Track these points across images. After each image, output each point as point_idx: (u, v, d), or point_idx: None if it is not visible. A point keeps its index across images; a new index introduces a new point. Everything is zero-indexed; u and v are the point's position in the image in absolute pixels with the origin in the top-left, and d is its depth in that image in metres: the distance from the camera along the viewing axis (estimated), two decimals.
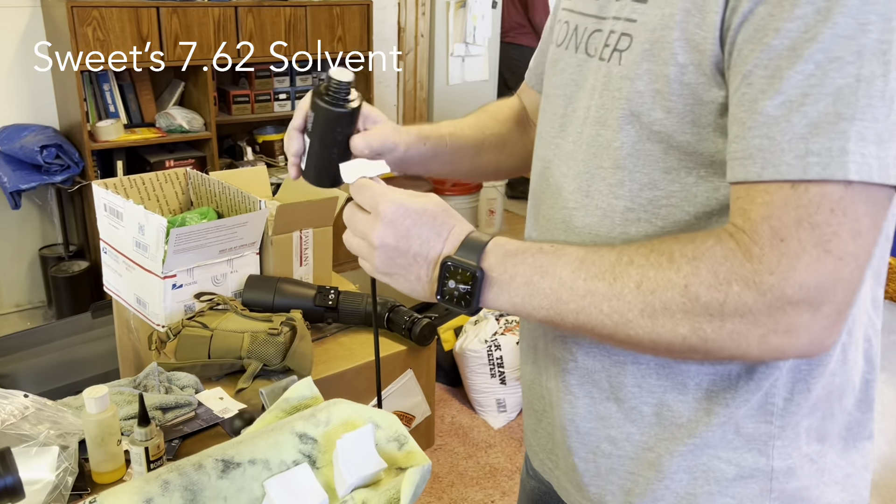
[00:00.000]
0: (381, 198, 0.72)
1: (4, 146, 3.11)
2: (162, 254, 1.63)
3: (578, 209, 0.78)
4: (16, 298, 3.42)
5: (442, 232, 0.72)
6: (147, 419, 1.08)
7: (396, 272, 0.73)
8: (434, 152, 0.96)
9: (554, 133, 0.83)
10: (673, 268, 0.63)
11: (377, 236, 0.72)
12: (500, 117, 1.07)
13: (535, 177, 0.88)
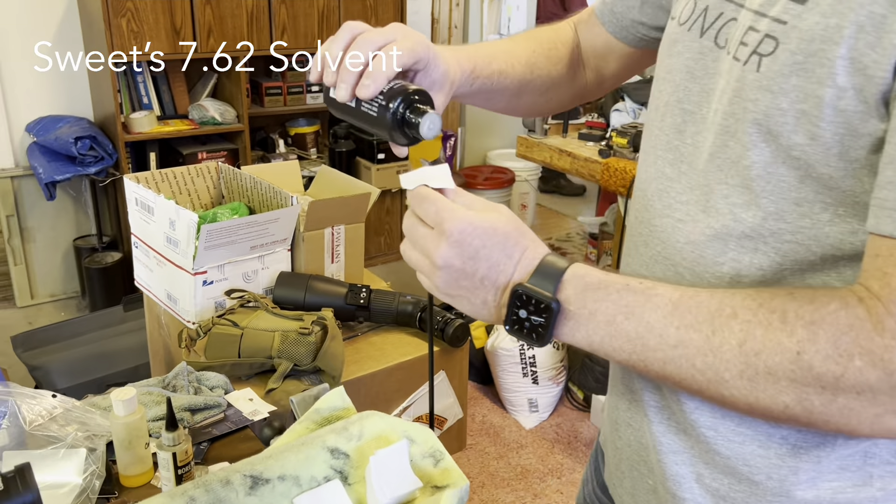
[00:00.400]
0: (446, 214, 0.65)
1: (40, 137, 3.12)
2: (193, 250, 1.61)
3: (687, 223, 0.69)
4: (50, 288, 3.45)
5: (514, 254, 0.65)
6: (175, 423, 1.05)
7: (460, 294, 0.67)
8: (477, 91, 0.87)
9: (667, 128, 0.73)
10: (785, 330, 0.56)
11: (441, 256, 0.64)
12: (554, 57, 0.95)
13: (642, 170, 0.78)
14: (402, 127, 0.74)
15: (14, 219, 3.26)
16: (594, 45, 0.97)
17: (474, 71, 0.84)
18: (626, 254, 0.82)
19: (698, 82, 0.70)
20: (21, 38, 3.14)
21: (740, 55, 0.63)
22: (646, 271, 0.75)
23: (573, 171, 2.76)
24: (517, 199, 4.65)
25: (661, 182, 0.73)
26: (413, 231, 0.69)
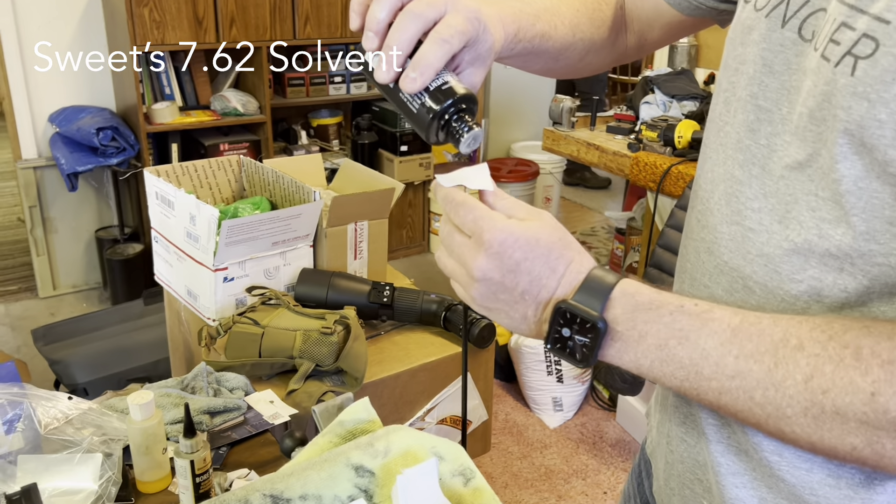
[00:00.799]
0: (485, 223, 0.60)
1: (63, 128, 3.11)
2: (213, 245, 1.57)
3: (760, 233, 0.63)
4: (73, 279, 3.45)
5: (557, 267, 0.60)
6: (193, 430, 1.01)
7: (498, 308, 0.62)
8: (516, 55, 0.80)
9: (738, 125, 0.66)
10: (859, 368, 0.51)
11: (479, 268, 0.60)
12: (598, 19, 0.89)
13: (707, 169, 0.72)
14: (441, 131, 0.69)
15: (37, 209, 3.26)
16: (642, 8, 0.90)
17: (518, 34, 0.77)
18: (685, 259, 0.76)
19: (777, 78, 0.63)
20: (44, 29, 3.13)
21: (831, 55, 0.56)
22: (709, 282, 0.70)
23: (601, 165, 2.69)
24: (541, 192, 4.58)
25: (730, 184, 0.67)
26: (450, 239, 0.64)
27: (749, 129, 0.66)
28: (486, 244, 0.60)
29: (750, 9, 0.68)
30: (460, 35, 0.65)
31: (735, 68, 0.70)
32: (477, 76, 0.72)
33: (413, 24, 0.64)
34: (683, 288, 0.76)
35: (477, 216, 0.61)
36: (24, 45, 3.08)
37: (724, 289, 0.68)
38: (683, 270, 0.76)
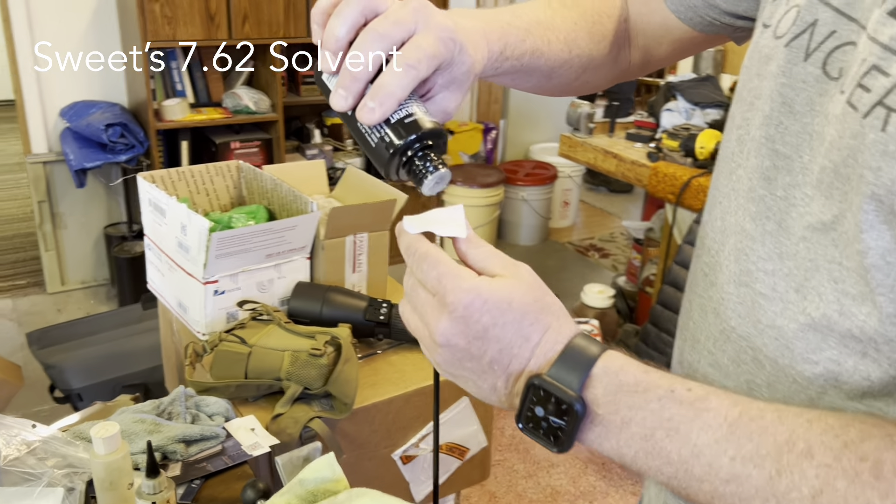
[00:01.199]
0: (449, 282, 0.52)
1: (73, 123, 3.07)
2: (203, 258, 1.51)
3: (774, 301, 0.54)
4: (81, 275, 3.42)
5: (531, 335, 0.52)
6: (156, 469, 0.95)
7: (465, 376, 0.54)
8: (504, 73, 0.72)
9: (752, 170, 0.58)
10: (878, 488, 0.42)
11: (442, 333, 0.52)
12: (597, 33, 0.80)
13: (715, 216, 0.63)
14: (402, 169, 0.61)
15: (46, 204, 3.23)
16: (648, 22, 0.81)
17: (504, 52, 0.69)
18: (688, 317, 0.67)
19: (798, 119, 0.54)
20: (57, 22, 3.08)
21: (859, 102, 0.47)
22: (714, 347, 0.61)
23: (619, 175, 2.59)
24: (559, 195, 4.48)
25: (741, 239, 0.58)
26: (413, 294, 0.56)
27: (764, 177, 0.57)
28: (449, 307, 0.52)
29: (769, 35, 0.59)
30: (429, 59, 0.57)
31: (750, 102, 0.60)
32: (452, 101, 0.63)
33: (376, 44, 0.56)
34: (685, 350, 0.67)
35: (441, 273, 0.53)
36: (36, 38, 3.05)
37: (731, 358, 0.59)
38: (686, 329, 0.68)
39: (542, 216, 4.26)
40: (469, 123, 4.22)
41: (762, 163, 0.57)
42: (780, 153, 0.56)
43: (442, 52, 0.58)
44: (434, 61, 0.58)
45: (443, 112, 0.63)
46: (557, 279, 3.84)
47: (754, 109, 0.59)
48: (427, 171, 0.58)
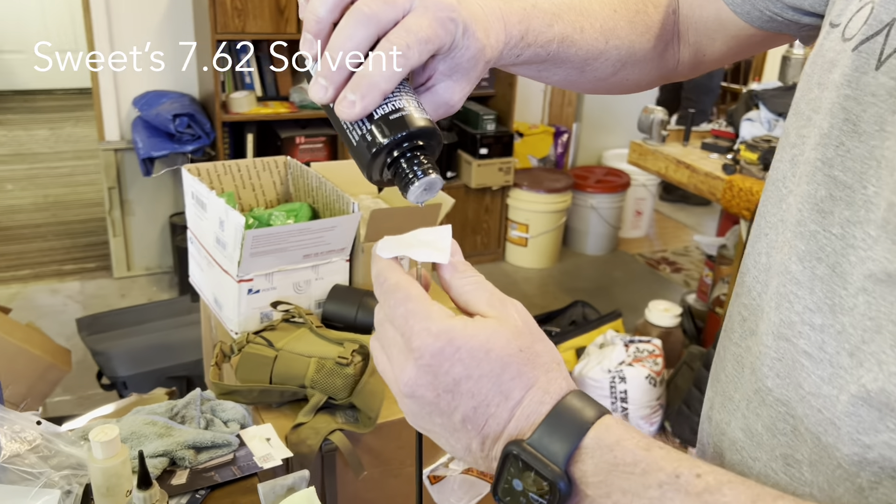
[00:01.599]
0: (417, 323, 0.44)
1: (143, 112, 3.12)
2: (238, 255, 1.46)
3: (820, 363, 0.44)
4: (146, 262, 3.48)
5: (512, 392, 0.43)
6: (148, 481, 0.89)
7: (436, 431, 0.46)
8: (525, 61, 0.63)
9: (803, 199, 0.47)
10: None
11: (406, 383, 0.44)
12: (640, 24, 0.70)
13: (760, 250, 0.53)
14: (387, 170, 0.52)
15: (115, 191, 3.30)
16: (700, 15, 0.71)
17: (525, 37, 0.60)
18: (721, 367, 0.56)
19: (864, 141, 0.43)
20: (134, 12, 3.14)
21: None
22: (747, 410, 0.50)
23: (690, 187, 2.43)
24: (632, 204, 4.31)
25: (784, 282, 0.47)
26: (381, 330, 0.48)
27: (817, 209, 0.46)
28: (415, 352, 0.43)
29: (836, 36, 0.48)
30: (422, 44, 0.48)
31: (808, 117, 0.49)
32: (456, 92, 0.54)
33: (362, 28, 0.47)
34: (715, 405, 0.57)
35: (409, 311, 0.44)
36: (113, 26, 3.11)
37: (766, 425, 0.49)
38: (718, 380, 0.57)
39: (611, 225, 4.10)
40: (540, 126, 4.10)
41: (816, 191, 0.46)
42: (838, 181, 0.45)
43: (440, 36, 0.49)
44: (428, 46, 0.49)
45: (445, 104, 0.55)
46: (623, 292, 3.68)
47: (811, 125, 0.49)
48: (414, 177, 0.50)
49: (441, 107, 0.55)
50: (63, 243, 3.78)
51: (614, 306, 3.28)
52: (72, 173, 4.78)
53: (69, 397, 2.51)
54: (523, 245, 3.82)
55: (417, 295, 0.45)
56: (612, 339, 2.56)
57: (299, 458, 1.25)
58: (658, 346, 2.50)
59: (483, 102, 3.71)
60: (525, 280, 3.70)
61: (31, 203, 4.28)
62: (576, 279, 3.81)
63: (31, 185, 4.57)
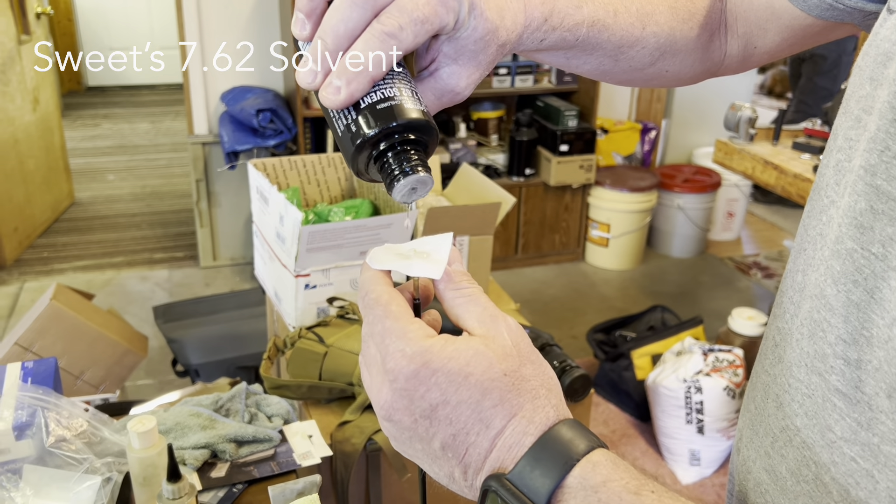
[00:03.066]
0: (392, 342, 0.41)
1: (230, 107, 3.21)
2: (296, 250, 1.47)
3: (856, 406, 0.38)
4: (231, 252, 3.59)
5: (493, 421, 0.40)
6: (177, 474, 0.90)
7: (418, 458, 0.43)
8: (551, 47, 0.58)
9: (844, 212, 0.41)
10: None
11: (383, 406, 0.42)
12: (683, 10, 0.64)
13: (800, 265, 0.47)
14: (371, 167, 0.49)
15: (203, 183, 3.41)
16: (751, 4, 0.65)
17: (550, 19, 0.55)
18: (751, 395, 0.50)
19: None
20: (223, 10, 3.23)
21: None
22: (771, 449, 0.45)
23: (778, 189, 2.29)
24: (723, 205, 4.12)
25: (818, 307, 0.42)
26: (364, 346, 0.45)
27: (855, 223, 0.40)
28: (389, 374, 0.40)
29: (893, 23, 0.42)
30: (417, 24, 0.44)
31: (857, 117, 0.43)
32: (461, 78, 0.50)
33: (357, 9, 0.44)
34: (742, 438, 0.51)
35: (385, 329, 0.41)
36: (203, 25, 3.21)
37: (791, 468, 0.43)
38: (747, 410, 0.51)
39: (699, 227, 3.93)
40: (626, 122, 3.97)
41: (857, 203, 0.40)
42: (881, 191, 0.38)
43: (439, 14, 0.45)
44: (426, 27, 0.45)
45: (450, 91, 0.50)
46: (708, 298, 3.52)
47: (860, 127, 0.42)
48: (401, 173, 0.46)
49: (445, 94, 0.51)
50: (155, 232, 3.95)
51: (698, 312, 3.13)
52: (168, 165, 5.00)
53: (150, 381, 2.61)
54: (604, 245, 3.71)
55: (396, 312, 0.42)
56: (689, 347, 2.44)
57: (343, 456, 1.24)
58: (739, 357, 2.37)
59: (566, 98, 3.63)
60: (604, 282, 3.60)
61: (129, 193, 4.50)
62: (659, 282, 3.67)
63: (131, 175, 4.80)
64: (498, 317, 0.43)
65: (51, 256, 3.66)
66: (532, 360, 0.42)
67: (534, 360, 0.42)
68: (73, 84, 6.65)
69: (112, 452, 1.04)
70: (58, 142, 4.15)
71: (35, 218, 3.84)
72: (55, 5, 6.13)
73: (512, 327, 0.42)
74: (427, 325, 0.42)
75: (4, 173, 3.50)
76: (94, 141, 5.47)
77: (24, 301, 3.21)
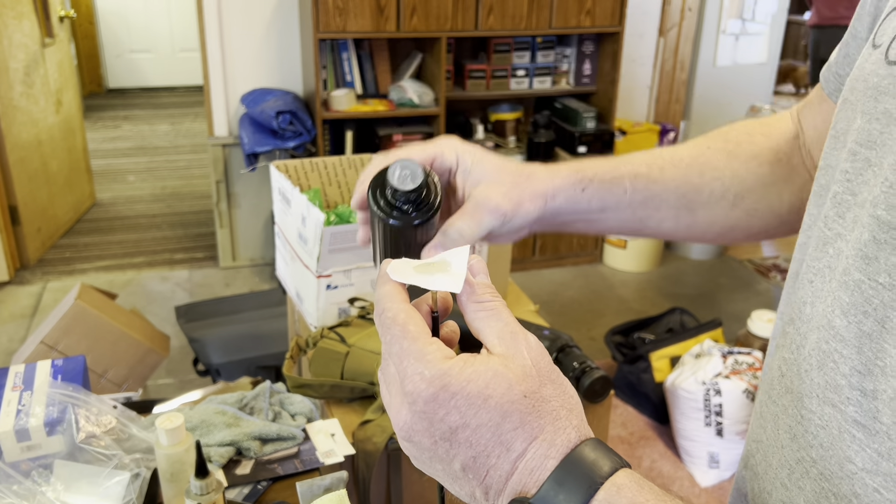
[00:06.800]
0: (410, 364, 0.41)
1: (250, 109, 3.24)
2: (318, 251, 1.49)
3: (876, 437, 0.38)
4: (250, 253, 3.62)
5: (514, 444, 0.40)
6: (205, 469, 0.91)
7: (440, 477, 0.44)
8: (600, 203, 0.61)
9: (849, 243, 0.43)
10: None
11: (402, 427, 0.42)
12: (744, 153, 0.66)
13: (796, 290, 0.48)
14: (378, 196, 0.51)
15: (223, 184, 3.44)
16: (821, 127, 0.65)
17: (582, 176, 0.60)
18: (760, 425, 0.51)
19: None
20: (243, 13, 3.26)
21: None
22: (788, 480, 0.46)
23: None
24: None
25: (827, 338, 0.42)
26: (384, 364, 0.46)
27: (862, 256, 0.40)
28: (408, 397, 0.41)
29: (877, 58, 0.44)
30: None
31: (853, 151, 0.44)
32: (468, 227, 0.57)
33: None
34: (754, 468, 0.51)
35: (403, 350, 0.42)
36: (224, 28, 3.24)
37: (808, 500, 0.43)
38: (758, 440, 0.51)
39: None
40: (644, 124, 3.97)
41: (860, 234, 0.41)
42: (882, 221, 0.39)
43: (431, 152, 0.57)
44: None
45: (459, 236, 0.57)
46: (727, 300, 3.51)
47: (859, 160, 0.43)
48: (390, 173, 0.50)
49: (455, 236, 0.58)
50: (175, 233, 3.99)
51: (716, 315, 3.12)
52: (188, 166, 5.04)
53: (171, 381, 2.64)
54: (622, 247, 3.71)
55: (414, 332, 0.42)
56: (709, 350, 2.43)
57: (364, 455, 1.25)
58: (759, 359, 2.36)
59: (584, 99, 3.63)
60: (622, 284, 3.59)
61: (150, 194, 4.55)
62: (677, 285, 3.66)
63: (151, 176, 4.85)
64: (518, 334, 0.43)
65: (73, 256, 3.71)
66: (552, 380, 0.42)
67: (554, 379, 0.42)
68: (93, 86, 6.72)
69: (140, 449, 1.06)
70: (80, 143, 4.20)
71: (58, 218, 3.89)
72: (77, 8, 6.21)
73: (532, 346, 0.43)
74: (445, 346, 0.42)
75: (28, 174, 3.55)
76: (115, 142, 5.53)
77: (46, 301, 3.26)
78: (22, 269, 3.54)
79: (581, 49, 3.53)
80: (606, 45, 3.47)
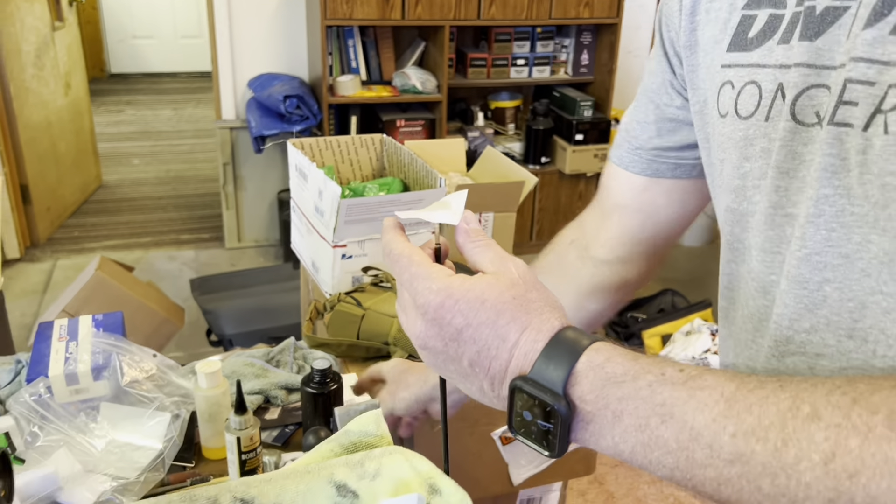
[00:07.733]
0: (420, 283, 0.51)
1: (257, 93, 3.33)
2: (334, 222, 1.59)
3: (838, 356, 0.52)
4: (255, 234, 3.72)
5: (508, 335, 0.49)
6: (244, 407, 1.02)
7: (453, 377, 0.54)
8: None
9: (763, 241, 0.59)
10: (894, 438, 0.38)
11: (418, 336, 0.52)
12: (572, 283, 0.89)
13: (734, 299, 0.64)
14: None
15: (230, 167, 3.53)
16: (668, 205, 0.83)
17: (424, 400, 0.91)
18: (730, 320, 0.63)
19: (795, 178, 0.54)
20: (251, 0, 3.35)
21: (850, 117, 0.48)
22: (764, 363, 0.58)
23: None
24: None
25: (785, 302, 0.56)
26: (399, 294, 0.56)
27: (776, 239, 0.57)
28: (421, 308, 0.51)
29: (732, 121, 0.59)
30: None
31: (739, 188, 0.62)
32: None
33: None
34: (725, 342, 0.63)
35: (413, 275, 0.52)
36: (233, 13, 3.33)
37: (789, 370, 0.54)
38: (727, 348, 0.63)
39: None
40: None
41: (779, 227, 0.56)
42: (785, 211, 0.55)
43: None
44: None
45: None
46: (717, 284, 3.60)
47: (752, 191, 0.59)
48: None
49: None
50: (181, 214, 4.08)
51: (706, 296, 3.23)
52: (191, 151, 5.13)
53: (181, 353, 2.74)
54: None
55: (419, 260, 0.52)
56: (698, 328, 2.55)
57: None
58: None
59: (581, 89, 3.73)
60: None
61: (155, 177, 4.63)
62: (669, 269, 3.77)
63: (155, 160, 4.93)
64: (507, 258, 0.53)
65: (81, 236, 3.80)
66: (536, 288, 0.52)
67: (537, 288, 0.52)
68: (96, 71, 6.78)
69: (179, 394, 1.16)
70: (87, 125, 4.28)
71: (66, 199, 3.97)
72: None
73: (518, 265, 0.52)
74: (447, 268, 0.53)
75: (38, 155, 3.63)
76: (119, 126, 5.60)
77: (57, 277, 3.35)
78: (32, 247, 3.63)
79: (579, 40, 3.63)
80: (604, 36, 3.57)
